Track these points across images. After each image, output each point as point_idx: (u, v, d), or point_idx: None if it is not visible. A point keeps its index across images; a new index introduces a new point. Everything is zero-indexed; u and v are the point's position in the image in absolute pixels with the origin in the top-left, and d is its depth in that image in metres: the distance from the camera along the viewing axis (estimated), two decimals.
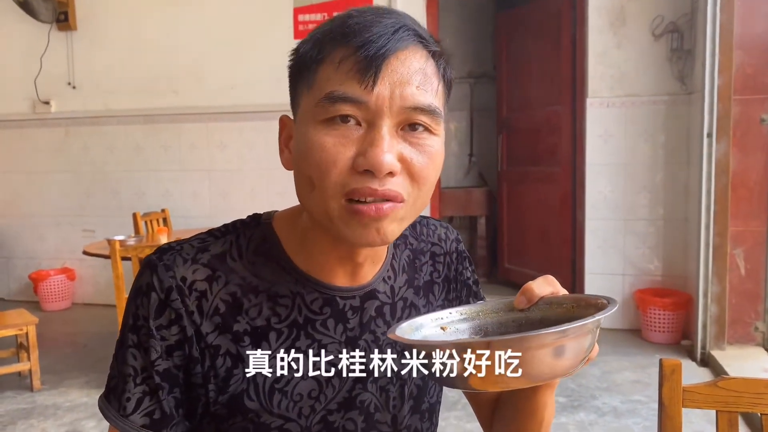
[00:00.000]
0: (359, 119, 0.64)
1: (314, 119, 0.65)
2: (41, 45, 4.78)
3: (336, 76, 0.64)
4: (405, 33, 0.65)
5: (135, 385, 0.69)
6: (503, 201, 5.06)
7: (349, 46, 0.64)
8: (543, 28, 4.51)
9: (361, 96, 0.63)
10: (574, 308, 0.69)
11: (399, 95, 0.64)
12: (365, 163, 0.63)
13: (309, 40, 0.68)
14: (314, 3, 4.36)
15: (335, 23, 0.67)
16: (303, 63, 0.68)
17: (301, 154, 0.67)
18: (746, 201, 3.41)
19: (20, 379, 3.37)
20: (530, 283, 0.69)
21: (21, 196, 5.08)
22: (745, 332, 3.48)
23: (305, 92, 0.67)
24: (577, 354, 0.60)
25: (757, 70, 3.36)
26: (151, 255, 0.72)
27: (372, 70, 0.63)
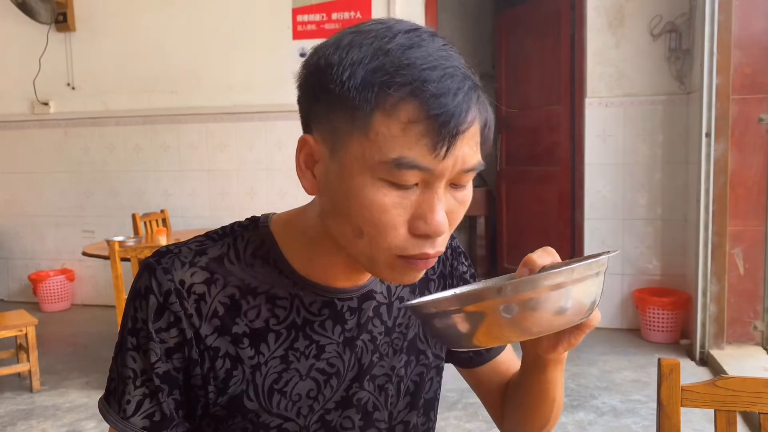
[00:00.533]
0: (418, 182, 0.63)
1: (373, 173, 0.62)
2: (40, 46, 4.78)
3: (403, 137, 0.60)
4: (474, 100, 0.63)
5: (135, 387, 0.70)
6: (502, 200, 5.07)
7: (422, 108, 0.60)
8: (542, 27, 4.52)
9: (430, 164, 0.61)
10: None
11: (461, 161, 0.63)
12: (426, 229, 0.63)
13: (352, 68, 0.62)
14: (313, 3, 4.36)
15: (394, 61, 0.61)
16: (348, 98, 0.62)
17: (348, 201, 0.64)
18: (745, 200, 3.42)
19: (20, 379, 3.37)
20: (530, 254, 0.69)
21: (20, 196, 5.08)
22: (744, 331, 3.49)
23: (355, 134, 0.62)
24: (580, 300, 0.60)
25: (756, 69, 3.37)
26: (149, 258, 0.73)
27: (446, 143, 0.61)
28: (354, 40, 0.63)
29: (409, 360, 0.84)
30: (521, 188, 4.88)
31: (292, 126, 4.42)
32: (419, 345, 0.85)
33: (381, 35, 0.63)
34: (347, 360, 0.77)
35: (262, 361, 0.73)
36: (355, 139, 0.62)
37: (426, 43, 0.63)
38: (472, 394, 3.03)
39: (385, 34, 0.63)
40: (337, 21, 4.32)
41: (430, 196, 0.63)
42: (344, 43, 0.64)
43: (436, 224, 0.63)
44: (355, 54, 0.62)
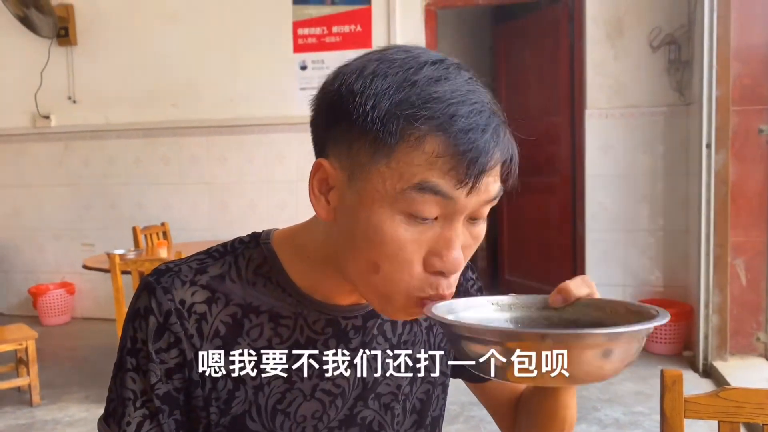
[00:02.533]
0: (437, 215, 0.62)
1: (393, 206, 0.61)
2: (42, 60, 4.81)
3: (428, 169, 0.59)
4: (502, 136, 0.63)
5: (135, 408, 0.69)
6: (503, 212, 5.07)
7: (449, 143, 0.59)
8: (541, 39, 4.54)
9: (453, 195, 0.60)
10: (613, 313, 0.67)
11: (484, 193, 0.63)
12: (441, 266, 0.63)
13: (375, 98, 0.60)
14: (314, 17, 4.39)
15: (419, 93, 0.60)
16: (372, 128, 0.60)
17: (364, 234, 0.63)
18: (746, 211, 3.41)
19: (19, 394, 3.35)
20: (567, 282, 0.68)
21: (21, 210, 5.08)
22: (747, 343, 3.47)
23: (377, 164, 0.61)
24: (623, 359, 0.58)
25: (755, 81, 3.38)
26: (148, 277, 0.71)
27: (472, 180, 0.60)
28: (378, 68, 0.61)
29: (414, 377, 0.82)
30: (522, 200, 4.87)
31: (293, 138, 4.43)
32: (425, 362, 0.84)
33: (406, 65, 0.61)
34: (351, 379, 0.76)
35: (264, 381, 0.71)
36: (376, 169, 0.61)
37: (453, 76, 0.62)
38: (474, 407, 3.02)
39: (411, 64, 0.61)
40: (338, 34, 4.34)
41: (448, 233, 0.62)
42: (368, 71, 0.62)
43: (452, 261, 0.62)
44: (380, 84, 0.60)
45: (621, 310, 0.67)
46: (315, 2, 4.38)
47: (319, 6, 4.37)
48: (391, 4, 4.27)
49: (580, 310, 0.69)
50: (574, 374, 0.56)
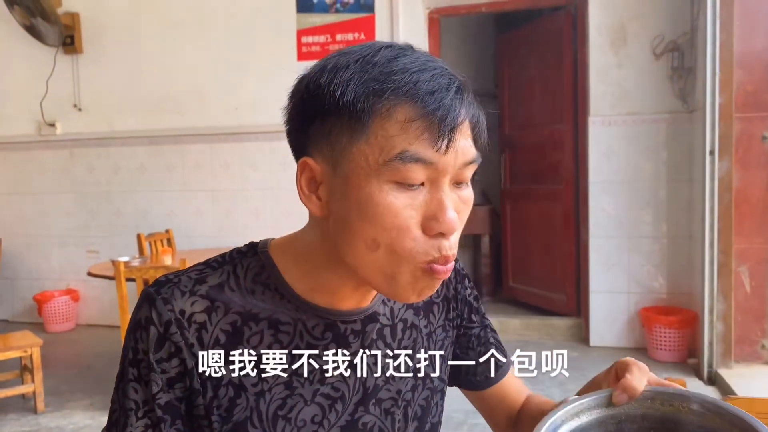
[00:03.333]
0: (424, 180, 0.65)
1: (380, 177, 0.63)
2: (47, 68, 4.84)
3: (403, 135, 0.63)
4: (466, 95, 0.66)
5: (137, 419, 0.69)
6: (507, 219, 5.06)
7: (417, 106, 0.62)
8: (544, 47, 4.55)
9: (433, 158, 0.63)
10: (682, 409, 0.66)
11: (461, 154, 0.65)
12: (439, 227, 0.65)
13: (345, 84, 0.64)
14: (318, 25, 4.41)
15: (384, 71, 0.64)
16: (344, 111, 0.64)
17: (358, 213, 0.65)
18: (750, 218, 3.41)
19: (24, 401, 3.36)
20: (628, 377, 0.69)
21: (26, 217, 5.10)
22: (752, 350, 3.46)
23: (356, 144, 0.64)
24: None
25: (758, 88, 3.38)
26: (148, 288, 0.72)
27: (446, 137, 0.63)
28: (339, 61, 0.66)
29: (415, 384, 0.83)
30: (525, 207, 4.88)
31: None
32: (425, 368, 0.84)
33: (364, 53, 0.66)
34: (352, 384, 0.76)
35: (265, 387, 0.72)
36: (357, 148, 0.64)
37: (409, 52, 0.66)
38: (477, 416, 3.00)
39: (368, 51, 0.66)
40: (342, 42, 4.36)
41: (438, 195, 0.65)
42: (330, 66, 0.66)
43: (448, 221, 0.64)
44: (343, 73, 0.64)
45: (694, 407, 0.65)
46: (319, 10, 4.40)
47: (323, 14, 4.39)
48: (394, 11, 4.29)
49: (645, 404, 0.69)
50: None
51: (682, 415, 0.66)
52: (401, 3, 4.28)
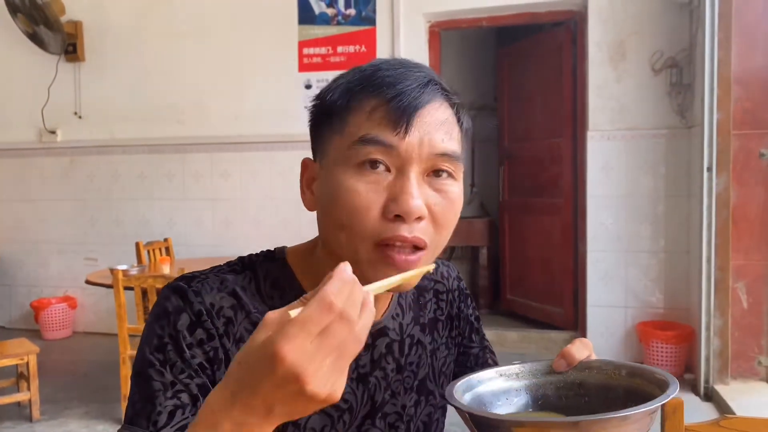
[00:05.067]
0: (389, 165, 0.67)
1: (345, 163, 0.68)
2: (49, 75, 4.86)
3: (368, 123, 0.67)
4: (433, 87, 0.70)
5: (165, 399, 0.67)
6: (505, 231, 5.08)
7: (382, 96, 0.68)
8: (544, 61, 4.58)
9: (392, 141, 0.66)
10: (615, 375, 0.71)
11: (428, 143, 0.68)
12: (397, 209, 0.66)
13: (335, 89, 0.71)
14: (319, 37, 4.44)
15: (365, 74, 0.70)
16: (330, 110, 0.71)
17: (330, 197, 0.69)
18: (747, 234, 3.42)
19: (19, 409, 3.35)
20: (569, 346, 0.73)
21: (25, 224, 5.10)
22: (749, 366, 3.46)
23: (334, 138, 0.70)
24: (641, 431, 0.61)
25: (756, 105, 3.40)
26: (177, 282, 0.73)
27: (404, 119, 0.66)
28: (342, 74, 0.73)
29: (419, 399, 0.84)
30: (524, 219, 4.89)
31: (297, 156, 4.44)
32: (429, 385, 0.86)
33: (364, 66, 0.72)
34: (360, 396, 0.78)
35: None
36: (334, 142, 0.70)
37: (398, 60, 0.72)
38: None
39: (369, 64, 0.72)
40: (343, 54, 4.39)
41: (402, 180, 0.67)
42: (334, 78, 0.74)
43: (407, 204, 0.66)
44: (339, 80, 0.72)
45: (623, 372, 0.71)
46: (320, 23, 4.43)
47: (324, 26, 4.42)
48: (395, 25, 4.32)
49: (583, 372, 0.73)
50: None
51: (613, 381, 0.71)
52: (402, 16, 4.31)
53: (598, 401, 0.69)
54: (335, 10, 4.40)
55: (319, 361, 0.47)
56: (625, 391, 0.69)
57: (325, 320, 0.48)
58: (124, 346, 3.05)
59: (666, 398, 0.61)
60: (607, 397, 0.70)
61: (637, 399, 0.61)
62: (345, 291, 0.49)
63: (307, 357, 0.47)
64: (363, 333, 0.50)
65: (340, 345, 0.48)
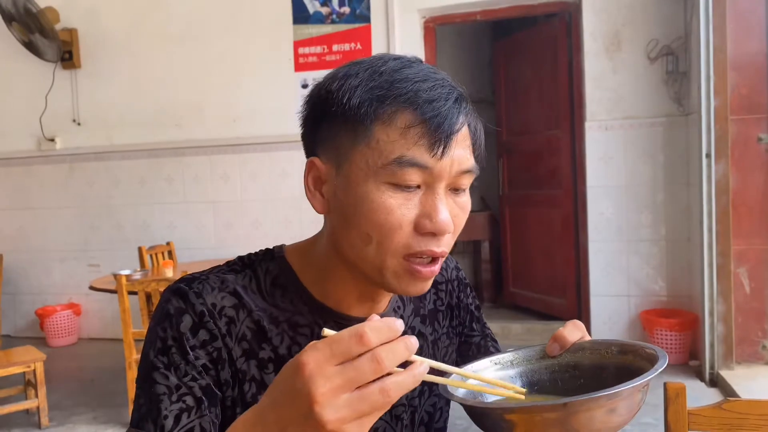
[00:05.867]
0: (420, 183, 0.68)
1: (377, 178, 0.67)
2: (46, 83, 4.86)
3: (402, 140, 0.66)
4: (464, 106, 0.70)
5: (171, 402, 0.67)
6: (506, 224, 5.08)
7: (417, 113, 0.66)
8: (540, 54, 4.58)
9: (429, 163, 0.66)
10: (607, 354, 0.71)
11: (458, 161, 0.68)
12: (432, 227, 0.67)
13: (352, 91, 0.68)
14: (314, 36, 4.44)
15: (389, 80, 0.67)
16: (349, 116, 0.68)
17: (355, 209, 0.68)
18: (747, 220, 3.43)
19: (28, 416, 3.36)
20: (561, 330, 0.73)
21: (26, 232, 5.11)
22: (753, 351, 3.47)
23: (358, 147, 0.68)
24: (630, 410, 0.61)
25: (752, 90, 3.40)
26: (177, 284, 0.73)
27: (442, 142, 0.66)
28: (350, 70, 0.70)
29: (423, 390, 0.85)
30: (524, 212, 4.89)
31: (295, 156, 4.47)
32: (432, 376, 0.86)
33: (374, 63, 0.70)
34: None
35: None
36: (358, 151, 0.68)
37: (415, 64, 0.70)
38: None
39: (377, 62, 0.70)
40: (338, 53, 4.39)
41: (433, 197, 0.68)
42: (341, 74, 0.70)
43: (440, 221, 0.67)
44: (352, 81, 0.69)
45: (614, 350, 0.71)
46: (315, 22, 4.43)
47: (319, 25, 4.43)
48: (390, 21, 4.32)
49: (576, 354, 0.73)
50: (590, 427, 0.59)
51: (606, 360, 0.71)
52: (397, 13, 4.31)
53: (592, 382, 0.69)
54: (329, 9, 4.40)
55: (334, 387, 0.46)
56: (617, 369, 0.69)
57: (354, 349, 0.47)
58: (129, 351, 3.06)
59: (654, 373, 0.61)
60: (600, 376, 0.70)
61: (628, 376, 0.61)
62: (384, 333, 0.49)
63: (323, 375, 0.46)
64: (394, 390, 0.47)
65: (362, 385, 0.47)
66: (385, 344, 0.48)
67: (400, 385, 0.48)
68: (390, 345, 0.48)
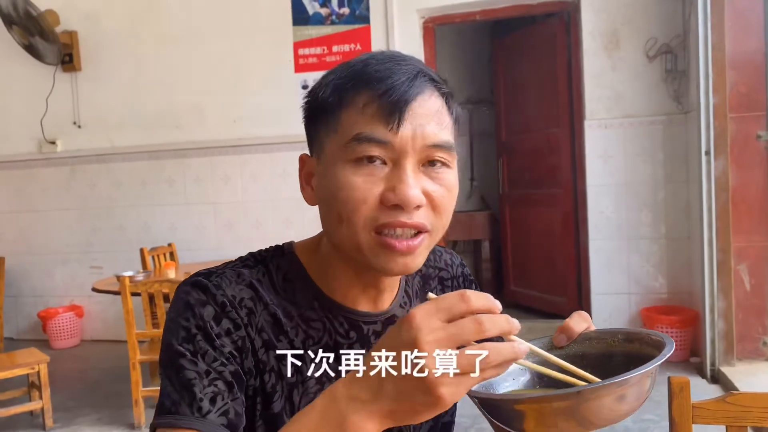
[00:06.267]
0: (384, 159, 0.69)
1: (342, 159, 0.70)
2: (47, 86, 4.87)
3: (361, 119, 0.69)
4: (423, 79, 0.71)
5: (203, 386, 0.67)
6: (506, 224, 5.09)
7: (373, 91, 0.69)
8: (539, 53, 4.59)
9: (386, 137, 0.68)
10: (614, 342, 0.72)
11: (421, 135, 0.69)
12: (395, 199, 0.68)
13: (327, 85, 0.73)
14: (313, 37, 4.45)
15: (354, 69, 0.72)
16: (323, 108, 0.73)
17: (329, 192, 0.71)
18: (747, 216, 3.44)
19: (32, 417, 3.37)
20: (567, 321, 0.74)
21: (28, 234, 5.12)
22: (754, 347, 3.49)
23: (330, 135, 0.72)
24: (638, 397, 0.62)
25: (751, 88, 3.42)
26: (196, 277, 0.75)
27: (396, 113, 0.68)
28: (332, 69, 0.75)
29: None
30: (524, 211, 4.91)
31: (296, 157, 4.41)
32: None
33: (352, 61, 0.74)
34: None
35: (299, 380, 0.75)
36: (330, 139, 0.72)
37: (387, 54, 0.73)
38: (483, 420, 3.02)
39: (356, 58, 0.74)
40: (338, 53, 4.40)
41: (398, 171, 0.69)
42: (324, 74, 0.76)
43: (403, 192, 0.68)
44: (329, 76, 0.74)
45: (620, 338, 0.72)
46: (315, 23, 4.44)
47: (318, 26, 4.44)
48: (389, 22, 4.33)
49: (583, 344, 0.74)
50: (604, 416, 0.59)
51: (612, 348, 0.72)
52: (396, 13, 4.32)
53: (601, 370, 0.69)
54: (329, 10, 4.42)
55: (438, 338, 0.50)
56: (625, 357, 0.70)
57: (456, 306, 0.51)
58: (133, 352, 3.07)
59: (662, 358, 0.62)
60: (608, 365, 0.70)
61: (636, 363, 0.61)
62: (483, 300, 0.53)
63: (429, 326, 0.50)
64: (494, 354, 0.51)
65: (464, 345, 0.51)
66: (488, 314, 0.52)
67: (500, 351, 0.51)
68: (492, 315, 0.52)
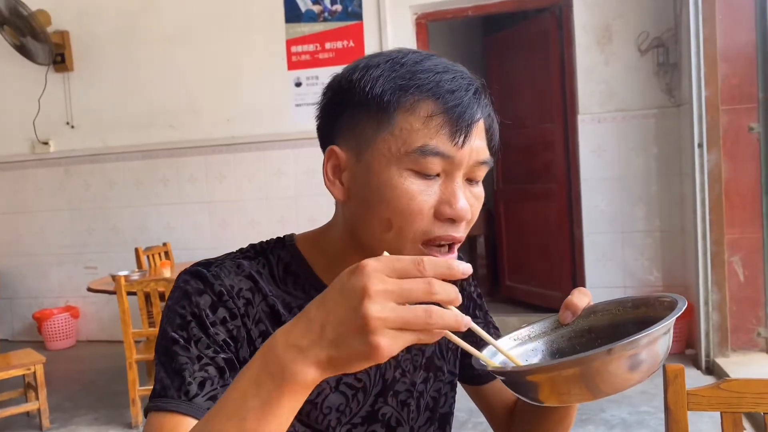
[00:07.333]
0: (440, 170, 0.70)
1: (400, 165, 0.69)
2: (39, 87, 4.85)
3: (425, 129, 0.68)
4: (484, 98, 0.73)
5: (193, 371, 0.69)
6: (501, 219, 5.11)
7: (439, 102, 0.69)
8: (531, 48, 4.60)
9: (451, 152, 0.69)
10: (621, 311, 0.72)
11: (475, 152, 0.71)
12: (451, 213, 0.69)
13: (373, 80, 0.70)
14: (306, 34, 4.45)
15: (408, 69, 0.70)
16: (371, 103, 0.70)
17: (376, 194, 0.70)
18: (740, 208, 3.46)
19: (29, 418, 3.37)
20: (570, 297, 0.75)
21: (22, 236, 5.10)
22: (748, 338, 3.51)
23: (380, 134, 0.70)
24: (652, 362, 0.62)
25: (743, 80, 3.44)
26: (195, 267, 0.75)
27: (463, 132, 0.69)
28: (370, 62, 0.72)
29: (428, 376, 0.87)
30: (519, 206, 4.92)
31: (290, 155, 4.48)
32: (436, 362, 0.88)
33: (393, 56, 0.72)
34: (372, 375, 0.81)
35: None
36: (381, 139, 0.70)
37: (434, 57, 0.73)
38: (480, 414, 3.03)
39: (397, 54, 0.72)
40: (331, 50, 4.40)
41: (452, 185, 0.70)
42: (362, 65, 0.72)
43: (459, 207, 0.69)
44: (374, 71, 0.71)
45: (629, 305, 0.72)
46: (307, 20, 4.44)
47: (311, 24, 4.43)
48: (382, 18, 4.33)
49: (589, 318, 0.75)
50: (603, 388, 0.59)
51: (620, 317, 0.72)
52: (389, 10, 4.33)
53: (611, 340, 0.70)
54: (321, 7, 4.41)
55: (388, 290, 0.49)
56: (635, 323, 0.69)
57: (411, 270, 0.50)
58: (130, 351, 3.07)
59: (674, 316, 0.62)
60: (618, 333, 0.69)
61: (648, 326, 0.61)
62: (440, 268, 0.51)
63: (381, 278, 0.49)
64: (437, 316, 0.50)
65: (413, 304, 0.50)
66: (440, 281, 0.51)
67: (443, 317, 0.51)
68: (445, 283, 0.51)
